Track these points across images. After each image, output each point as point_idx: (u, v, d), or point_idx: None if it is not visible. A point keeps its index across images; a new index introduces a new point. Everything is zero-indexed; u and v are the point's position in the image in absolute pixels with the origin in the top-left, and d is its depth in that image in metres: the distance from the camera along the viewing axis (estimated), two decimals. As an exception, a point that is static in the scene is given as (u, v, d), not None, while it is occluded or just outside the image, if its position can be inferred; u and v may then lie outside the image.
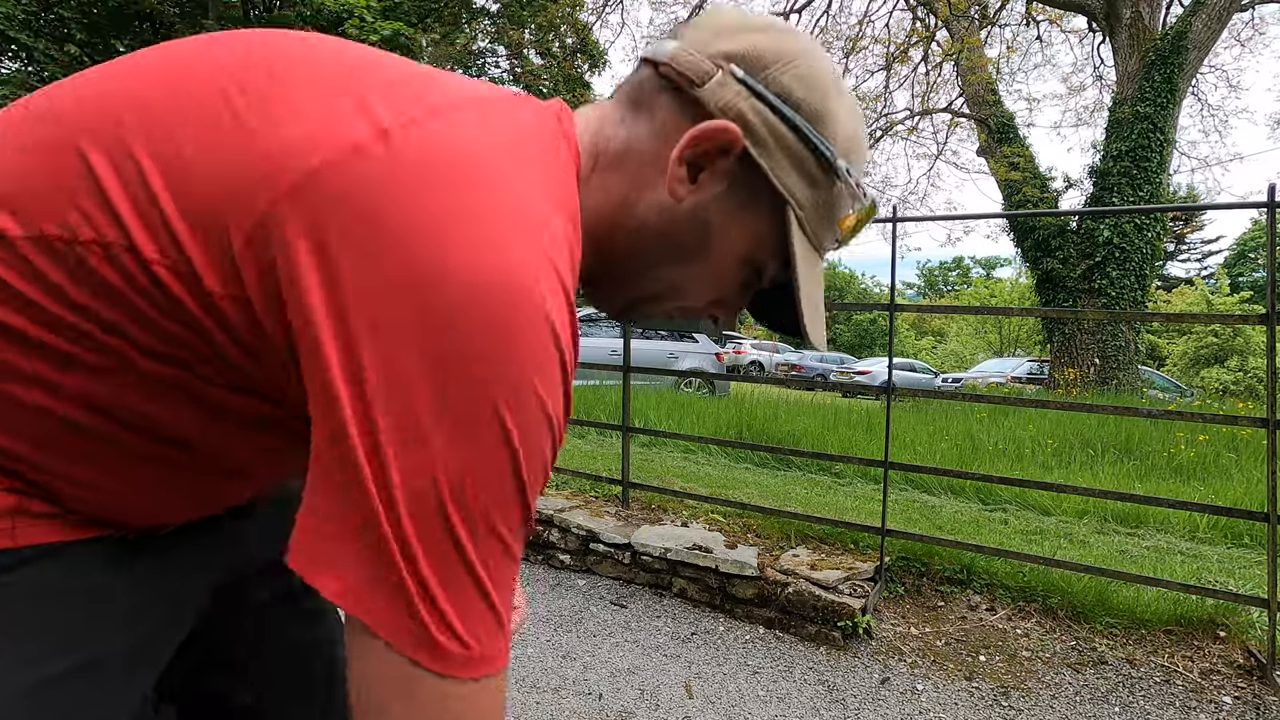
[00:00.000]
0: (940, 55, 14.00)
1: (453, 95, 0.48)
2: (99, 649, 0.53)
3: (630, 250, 0.57)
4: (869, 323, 40.96)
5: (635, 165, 0.56)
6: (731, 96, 0.52)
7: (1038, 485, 2.97)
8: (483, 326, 0.39)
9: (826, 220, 0.57)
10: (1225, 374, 18.09)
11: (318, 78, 0.46)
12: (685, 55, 0.54)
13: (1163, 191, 11.69)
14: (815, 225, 0.56)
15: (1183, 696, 2.32)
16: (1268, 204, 2.36)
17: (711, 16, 0.56)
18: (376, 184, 0.41)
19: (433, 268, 0.39)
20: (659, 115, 0.55)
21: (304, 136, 0.43)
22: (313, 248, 0.40)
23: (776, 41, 0.54)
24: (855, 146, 0.56)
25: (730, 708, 2.22)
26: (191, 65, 0.48)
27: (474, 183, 0.42)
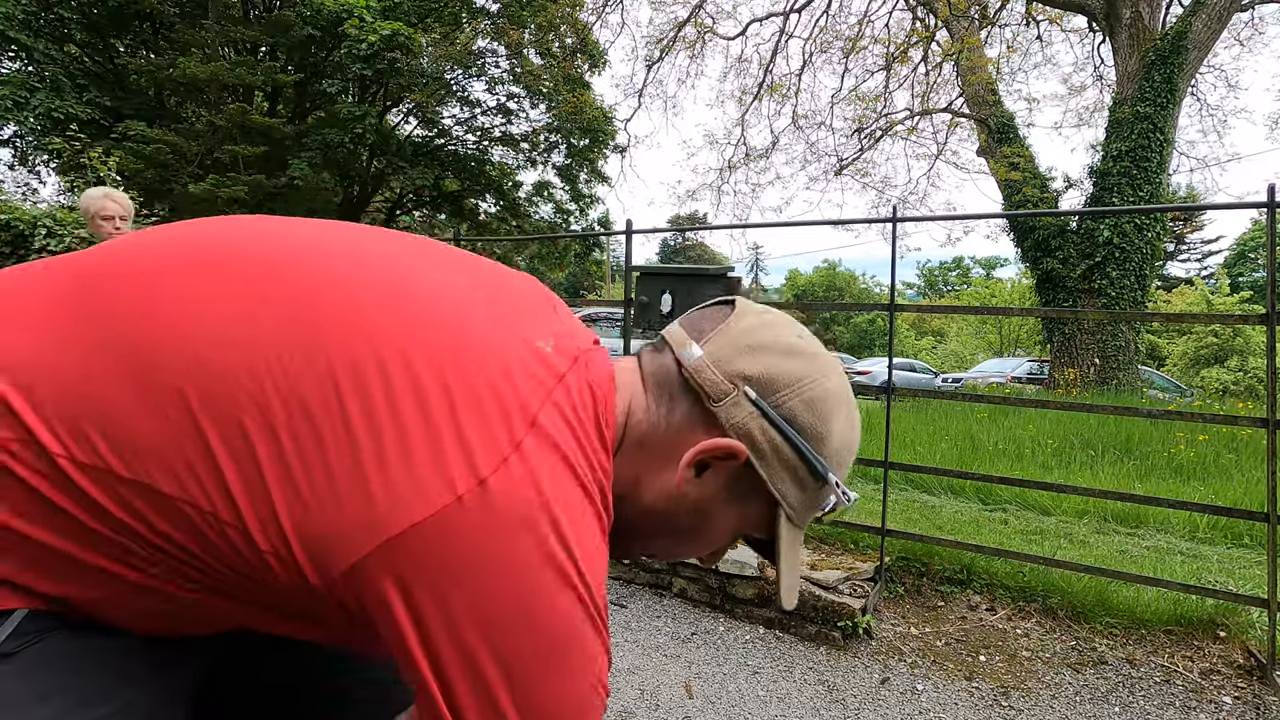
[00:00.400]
0: (940, 55, 13.99)
1: (524, 410, 0.53)
2: (135, 693, 0.58)
3: (639, 522, 0.66)
4: (869, 323, 40.93)
5: (654, 451, 0.63)
6: (744, 416, 0.60)
7: (1038, 485, 2.97)
8: (554, 664, 0.51)
9: (810, 512, 0.66)
10: (1225, 374, 18.08)
11: (439, 404, 0.52)
12: (708, 372, 0.61)
13: (1163, 191, 11.68)
14: (800, 516, 0.65)
15: (1183, 696, 2.32)
16: (1267, 204, 2.36)
17: (736, 326, 0.64)
18: (468, 542, 0.49)
19: (503, 617, 0.49)
20: (678, 412, 0.63)
21: (414, 482, 0.49)
22: (405, 605, 0.48)
23: (790, 366, 0.62)
24: (844, 457, 0.65)
25: (730, 708, 2.22)
26: (325, 349, 0.52)
27: (536, 539, 0.50)
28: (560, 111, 16.46)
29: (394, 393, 0.51)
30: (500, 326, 0.58)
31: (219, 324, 0.51)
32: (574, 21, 15.70)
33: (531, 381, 0.55)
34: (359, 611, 0.51)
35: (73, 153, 8.41)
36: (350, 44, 12.63)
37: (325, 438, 0.49)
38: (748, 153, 16.67)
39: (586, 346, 0.64)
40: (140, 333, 0.51)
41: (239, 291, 0.53)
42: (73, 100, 12.40)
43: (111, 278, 0.54)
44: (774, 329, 0.64)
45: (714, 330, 0.64)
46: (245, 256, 0.56)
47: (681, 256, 48.21)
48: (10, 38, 11.96)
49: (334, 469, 0.49)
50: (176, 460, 0.49)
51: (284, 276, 0.55)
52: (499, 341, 0.56)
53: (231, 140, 12.87)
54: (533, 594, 0.50)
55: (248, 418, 0.49)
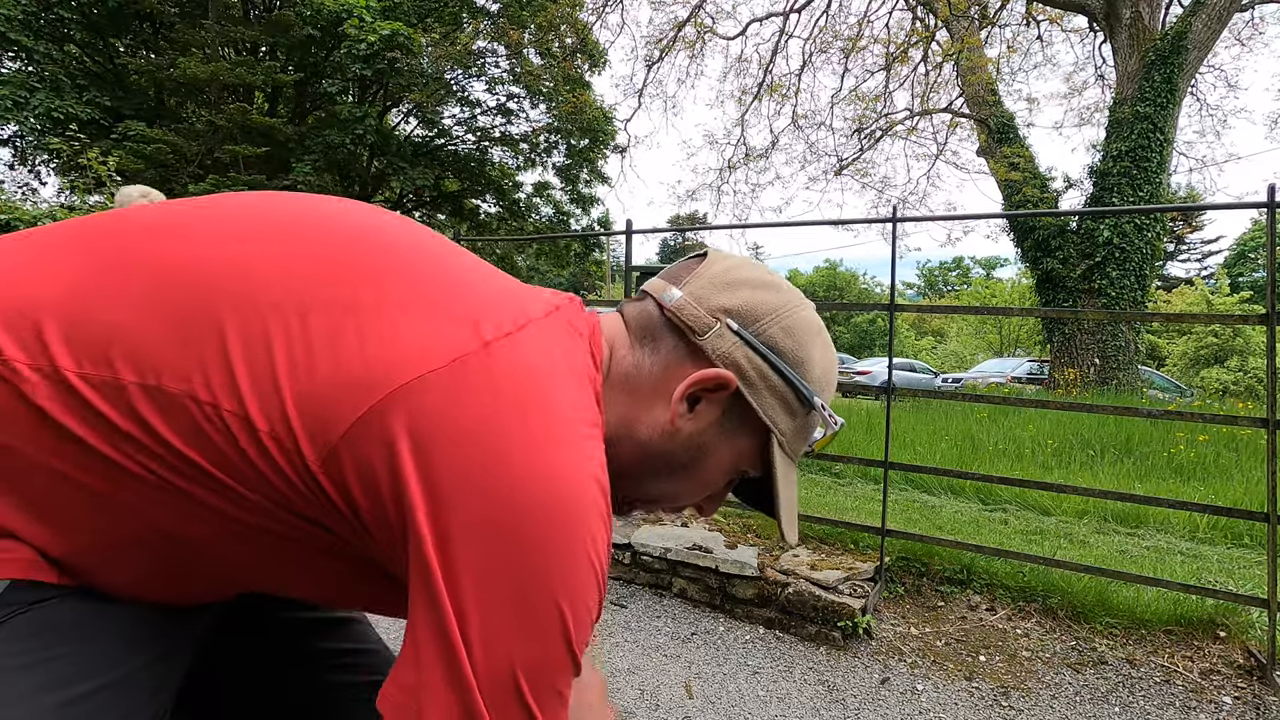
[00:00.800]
0: (940, 55, 13.99)
1: (521, 312, 0.58)
2: (118, 672, 0.57)
3: (632, 463, 0.66)
4: (869, 323, 40.95)
5: (641, 390, 0.65)
6: (728, 346, 0.63)
7: (1038, 485, 2.97)
8: (554, 533, 0.49)
9: (802, 440, 0.68)
10: (1225, 374, 18.07)
11: (430, 294, 0.55)
12: (690, 308, 0.64)
13: (1163, 191, 11.68)
14: (793, 445, 0.67)
15: (1183, 696, 2.32)
16: (1267, 204, 2.36)
17: (711, 269, 0.67)
18: (472, 392, 0.50)
19: (512, 482, 0.48)
20: (664, 350, 0.65)
21: (419, 347, 0.51)
22: (413, 446, 0.48)
23: (766, 297, 0.65)
24: (827, 383, 0.67)
25: (730, 708, 2.22)
26: (322, 250, 0.56)
27: (542, 406, 0.52)
28: (560, 112, 16.46)
29: (404, 274, 0.55)
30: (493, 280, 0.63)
31: (242, 249, 0.55)
32: (574, 21, 15.70)
33: (530, 301, 0.60)
34: (362, 495, 0.50)
35: (72, 153, 8.41)
36: (350, 44, 12.64)
37: (338, 315, 0.52)
38: (747, 153, 16.68)
39: (564, 301, 0.66)
40: (163, 253, 0.54)
41: (259, 230, 0.57)
42: (73, 100, 12.40)
43: (130, 221, 0.58)
44: (746, 267, 0.68)
45: (690, 274, 0.67)
46: (265, 211, 0.60)
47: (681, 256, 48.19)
48: (10, 38, 11.95)
49: (343, 336, 0.51)
50: (188, 359, 0.50)
51: (309, 228, 0.58)
52: (498, 285, 0.62)
53: (231, 140, 12.87)
54: (544, 462, 0.50)
55: (272, 324, 0.51)
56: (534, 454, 0.49)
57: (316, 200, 0.63)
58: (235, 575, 0.60)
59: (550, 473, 0.49)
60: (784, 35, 15.13)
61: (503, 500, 0.48)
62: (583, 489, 0.50)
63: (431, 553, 0.47)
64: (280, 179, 13.36)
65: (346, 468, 0.50)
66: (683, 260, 0.72)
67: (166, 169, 12.60)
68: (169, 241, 0.55)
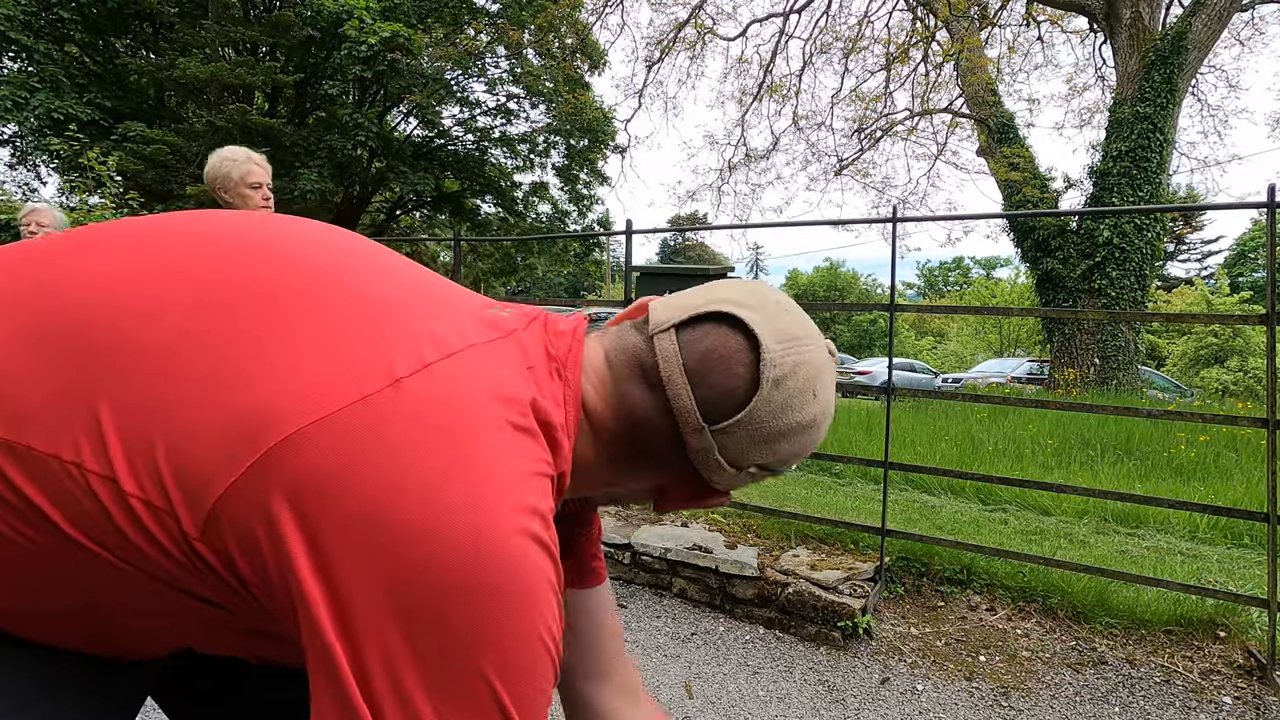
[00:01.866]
0: (940, 55, 13.99)
1: (456, 337, 0.50)
2: (52, 706, 0.54)
3: (633, 451, 0.60)
4: (869, 323, 40.94)
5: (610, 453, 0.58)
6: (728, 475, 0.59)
7: (1038, 485, 2.97)
8: (482, 614, 0.41)
9: None
10: (1225, 374, 18.07)
11: (340, 322, 0.48)
12: (714, 471, 0.58)
13: (1163, 192, 11.68)
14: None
15: (1183, 696, 2.32)
16: (1267, 204, 2.36)
17: (756, 414, 0.57)
18: (372, 442, 0.42)
19: (420, 557, 0.40)
20: (655, 451, 0.59)
21: (314, 387, 0.43)
22: (298, 517, 0.41)
23: (798, 443, 0.60)
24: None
25: (730, 708, 2.22)
26: (211, 272, 0.49)
27: (459, 454, 0.43)
28: (560, 112, 16.47)
29: (285, 313, 0.47)
30: (438, 301, 0.56)
31: (123, 282, 0.49)
32: (574, 22, 15.70)
33: (475, 323, 0.53)
34: (248, 570, 0.43)
35: (72, 153, 8.42)
36: (350, 45, 12.64)
37: (223, 351, 0.45)
38: (748, 153, 16.68)
39: (526, 321, 0.58)
40: (45, 296, 0.49)
41: (136, 257, 0.51)
42: (73, 101, 12.40)
43: (24, 260, 0.52)
44: (799, 400, 0.57)
45: (734, 420, 0.56)
46: (159, 235, 0.54)
47: (681, 257, 48.19)
48: (10, 38, 11.95)
49: (224, 376, 0.44)
50: (56, 414, 0.44)
51: (201, 247, 0.52)
52: (438, 307, 0.54)
53: (231, 141, 12.86)
54: (453, 515, 0.41)
55: (145, 357, 0.45)
56: (447, 518, 0.41)
57: (226, 217, 0.57)
58: (135, 639, 0.54)
59: (469, 540, 0.41)
60: (784, 36, 15.13)
61: (411, 580, 0.40)
62: (513, 553, 0.42)
63: (336, 645, 0.40)
64: (280, 180, 13.36)
65: (227, 537, 0.42)
66: (719, 336, 0.57)
67: (166, 169, 12.61)
68: (52, 277, 0.50)
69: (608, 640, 0.76)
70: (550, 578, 0.44)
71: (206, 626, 0.51)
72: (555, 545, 0.46)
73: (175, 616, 0.49)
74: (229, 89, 13.88)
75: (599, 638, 0.76)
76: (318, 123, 15.28)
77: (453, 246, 4.55)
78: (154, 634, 0.53)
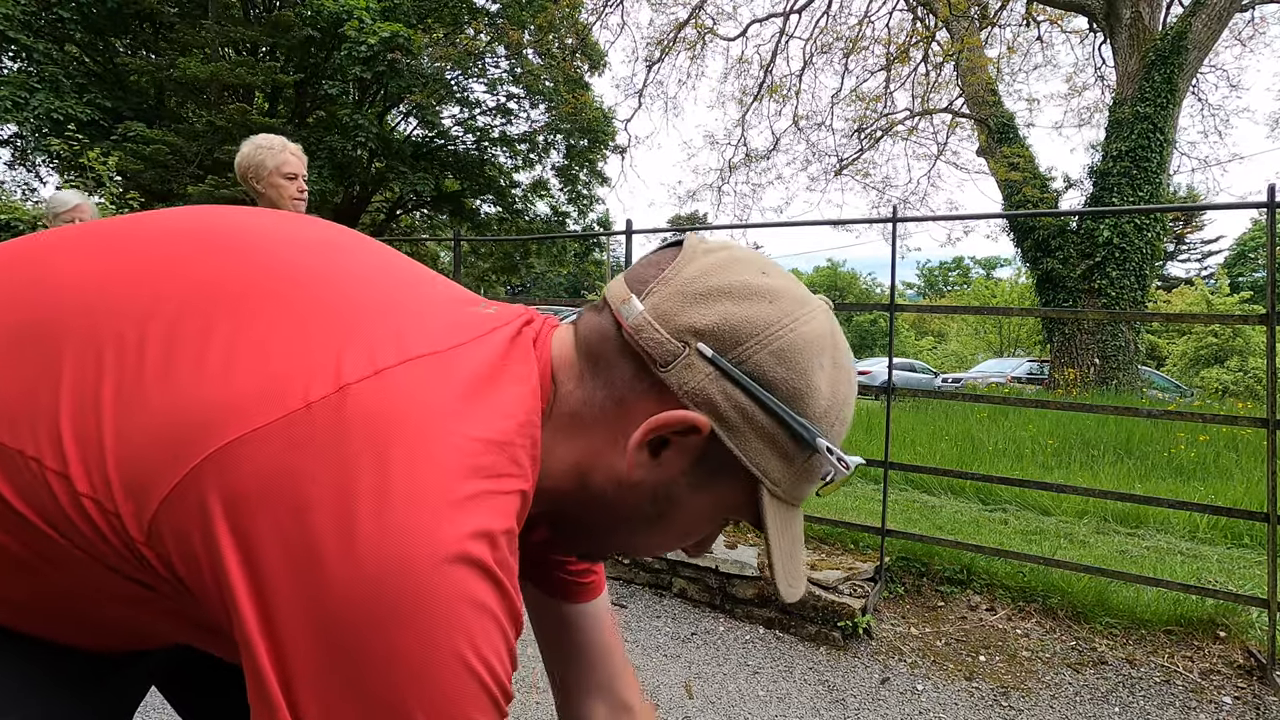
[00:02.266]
0: (940, 55, 14.00)
1: (421, 340, 0.47)
2: (20, 714, 0.53)
3: (590, 519, 0.56)
4: (869, 323, 40.95)
5: (590, 433, 0.53)
6: (700, 380, 0.49)
7: (1038, 485, 2.97)
8: (399, 642, 0.39)
9: (803, 484, 0.54)
10: (1225, 374, 18.07)
11: (302, 318, 0.46)
12: (650, 331, 0.50)
13: (1163, 192, 11.69)
14: (790, 492, 0.53)
15: (1183, 696, 2.32)
16: (1268, 204, 2.36)
17: (683, 272, 0.52)
18: (307, 454, 0.40)
19: (332, 563, 0.39)
20: (619, 383, 0.52)
21: (260, 390, 0.42)
22: (232, 530, 0.40)
23: (751, 311, 0.50)
24: (837, 415, 0.53)
25: (730, 708, 2.22)
26: (179, 265, 0.49)
27: (396, 469, 0.41)
28: (560, 112, 16.48)
29: (253, 309, 0.46)
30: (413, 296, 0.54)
31: (100, 280, 0.49)
32: (574, 23, 15.71)
33: (444, 326, 0.50)
34: (188, 576, 0.42)
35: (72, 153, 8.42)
36: (350, 46, 12.65)
37: (178, 344, 0.44)
38: (748, 153, 16.68)
39: (504, 322, 0.55)
40: (30, 293, 0.49)
41: (115, 254, 0.51)
42: (72, 101, 12.41)
43: (19, 258, 0.53)
44: (731, 268, 0.52)
45: (657, 278, 0.52)
46: (134, 231, 0.54)
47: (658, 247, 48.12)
48: (10, 38, 11.96)
49: (177, 372, 0.43)
50: (23, 408, 0.45)
51: (174, 239, 0.52)
52: (413, 306, 0.52)
53: (231, 141, 12.85)
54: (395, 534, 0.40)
55: (107, 347, 0.45)
56: (367, 544, 0.39)
57: (214, 215, 0.56)
58: (115, 630, 0.54)
59: (386, 568, 0.39)
60: (784, 36, 15.14)
61: (333, 602, 0.38)
62: (434, 581, 0.39)
63: (266, 665, 0.39)
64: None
65: (169, 543, 0.42)
66: (656, 251, 0.57)
67: (166, 169, 12.62)
68: (40, 276, 0.50)
69: (603, 657, 0.74)
70: (485, 601, 0.41)
71: (165, 617, 0.50)
72: (504, 566, 0.43)
73: (137, 605, 0.49)
74: (229, 89, 13.89)
75: (594, 655, 0.73)
76: (318, 123, 15.29)
77: (453, 246, 4.55)
78: (129, 623, 0.53)
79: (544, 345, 0.55)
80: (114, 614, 0.51)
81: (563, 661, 0.75)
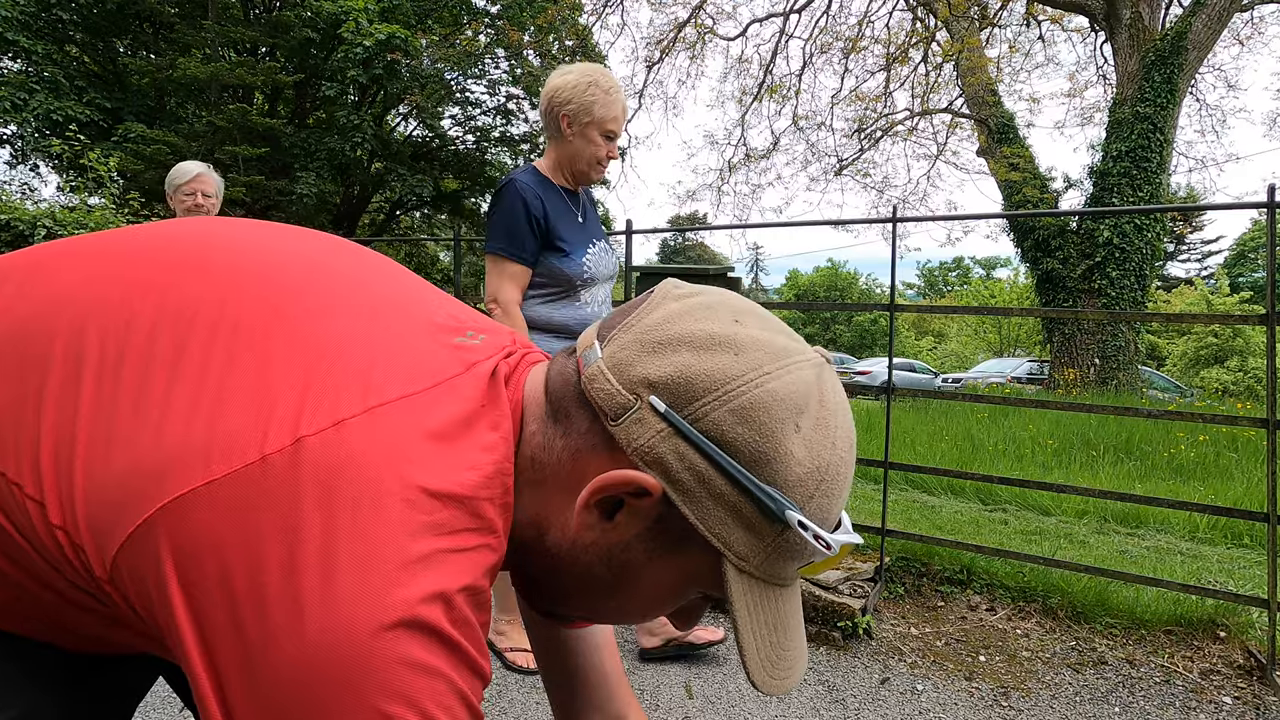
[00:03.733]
0: (940, 56, 14.00)
1: (392, 383, 0.46)
2: (21, 708, 0.53)
3: (542, 573, 0.53)
4: (869, 323, 40.94)
5: (547, 485, 0.50)
6: (650, 438, 0.45)
7: (1038, 485, 2.97)
8: (312, 698, 0.39)
9: (781, 561, 0.47)
10: (1225, 374, 18.08)
11: (274, 354, 0.45)
12: (602, 382, 0.47)
13: (1163, 192, 11.69)
14: (764, 569, 0.47)
15: (1183, 696, 2.32)
16: (1267, 204, 2.36)
17: (645, 318, 0.49)
18: (256, 512, 0.40)
19: (272, 628, 0.39)
20: (574, 435, 0.49)
21: (218, 438, 0.42)
22: (182, 587, 0.40)
23: (712, 363, 0.45)
24: (817, 485, 0.46)
25: (730, 708, 2.22)
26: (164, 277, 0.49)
27: (347, 528, 0.40)
28: (560, 112, 16.45)
29: (226, 342, 0.45)
30: (395, 316, 0.52)
31: (82, 286, 0.50)
32: (573, 24, 15.71)
33: (420, 369, 0.48)
34: (146, 611, 0.42)
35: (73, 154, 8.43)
36: (347, 48, 12.65)
37: (152, 372, 0.44)
38: (748, 153, 16.69)
39: (485, 356, 0.52)
40: (20, 307, 0.50)
41: (111, 265, 0.52)
42: (72, 102, 12.41)
43: (16, 269, 0.53)
44: (696, 315, 0.48)
45: (621, 323, 0.50)
46: (126, 243, 0.55)
47: (682, 257, 48.23)
48: (9, 39, 11.96)
49: (147, 405, 0.43)
50: (9, 425, 0.45)
51: (159, 255, 0.52)
52: (395, 336, 0.50)
53: (231, 141, 12.89)
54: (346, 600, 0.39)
55: (87, 368, 0.45)
56: (316, 607, 0.38)
57: (202, 229, 0.56)
58: (97, 640, 0.54)
59: (333, 632, 0.38)
60: (784, 36, 15.15)
61: (274, 669, 0.38)
62: (378, 645, 0.38)
63: (215, 710, 0.40)
64: (279, 180, 13.37)
65: (127, 585, 0.42)
66: (639, 296, 0.53)
67: (166, 170, 12.61)
68: (31, 291, 0.51)
69: (600, 682, 0.72)
70: (431, 664, 0.40)
71: (139, 638, 0.51)
72: (461, 624, 0.42)
73: (110, 624, 0.49)
74: (229, 89, 13.89)
75: (590, 679, 0.72)
76: (317, 123, 15.30)
77: (453, 246, 4.55)
78: (107, 636, 0.53)
79: (517, 384, 0.53)
80: (91, 626, 0.51)
81: (560, 680, 0.74)
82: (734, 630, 0.48)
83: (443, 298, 0.60)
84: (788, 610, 0.51)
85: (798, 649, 0.52)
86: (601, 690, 0.72)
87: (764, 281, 61.81)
